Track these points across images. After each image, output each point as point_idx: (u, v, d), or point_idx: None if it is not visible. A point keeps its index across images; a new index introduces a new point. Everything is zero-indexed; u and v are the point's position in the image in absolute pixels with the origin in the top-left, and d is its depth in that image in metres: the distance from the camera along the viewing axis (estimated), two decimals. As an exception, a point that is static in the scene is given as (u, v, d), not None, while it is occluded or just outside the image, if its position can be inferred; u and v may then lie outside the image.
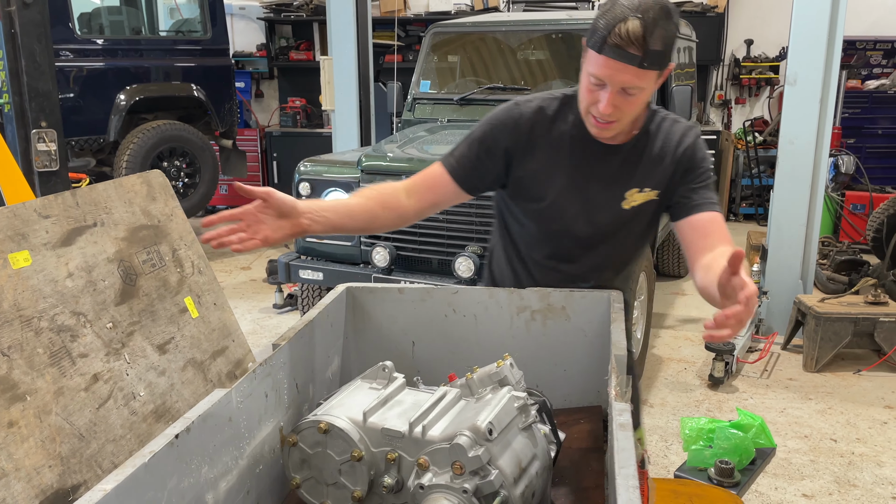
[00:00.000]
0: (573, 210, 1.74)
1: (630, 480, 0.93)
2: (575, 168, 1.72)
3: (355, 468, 1.30)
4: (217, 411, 1.20)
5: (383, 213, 1.68)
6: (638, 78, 1.50)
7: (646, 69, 1.49)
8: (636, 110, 1.59)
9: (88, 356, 1.41)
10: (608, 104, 1.54)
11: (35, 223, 1.41)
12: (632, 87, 1.52)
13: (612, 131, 1.63)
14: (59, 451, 1.27)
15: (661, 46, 1.48)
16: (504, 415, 1.28)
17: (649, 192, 1.71)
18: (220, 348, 1.82)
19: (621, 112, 1.57)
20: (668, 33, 1.49)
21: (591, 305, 1.75)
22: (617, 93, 1.53)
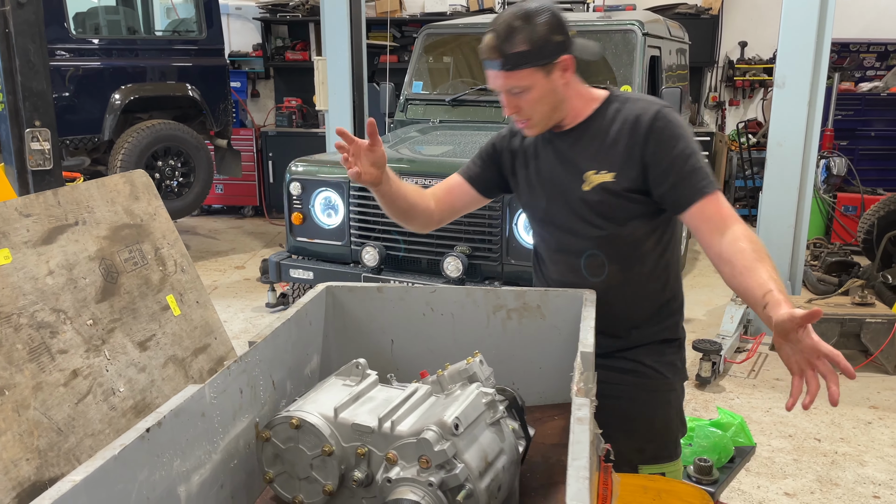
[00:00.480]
0: (545, 198, 1.84)
1: (581, 472, 0.96)
2: (539, 161, 1.84)
3: (326, 463, 1.33)
4: (189, 406, 1.23)
5: (419, 209, 1.93)
6: (510, 79, 1.63)
7: (512, 70, 1.61)
8: (539, 105, 1.68)
9: (68, 352, 1.44)
10: (506, 107, 1.70)
11: (16, 221, 1.44)
12: (513, 88, 1.65)
13: (533, 129, 1.75)
14: (37, 444, 1.30)
15: (524, 46, 1.60)
16: (471, 410, 1.31)
17: (605, 174, 1.73)
18: (202, 346, 1.85)
19: (525, 111, 1.69)
20: (530, 34, 1.60)
21: (566, 304, 1.78)
22: (508, 96, 1.68)
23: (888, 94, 7.55)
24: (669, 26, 5.47)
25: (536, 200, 1.87)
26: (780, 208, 4.66)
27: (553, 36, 1.63)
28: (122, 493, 1.04)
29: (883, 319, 4.20)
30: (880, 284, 5.17)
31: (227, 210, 8.81)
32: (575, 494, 0.90)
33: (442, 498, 1.20)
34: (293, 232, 4.14)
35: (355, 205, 3.89)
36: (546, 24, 1.62)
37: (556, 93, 1.68)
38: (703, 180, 1.65)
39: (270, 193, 8.46)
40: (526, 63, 1.61)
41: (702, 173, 1.66)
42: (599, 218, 1.76)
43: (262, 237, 7.75)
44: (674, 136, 1.67)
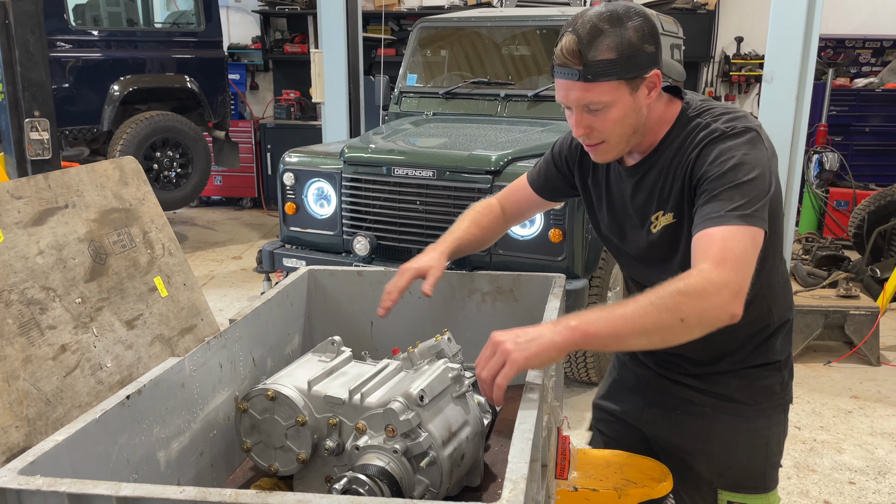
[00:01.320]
0: (617, 237, 1.68)
1: (526, 434, 1.03)
2: (611, 193, 1.65)
3: (300, 432, 1.41)
4: (169, 377, 1.30)
5: (487, 235, 1.90)
6: (591, 93, 1.39)
7: (594, 82, 1.38)
8: (618, 127, 1.44)
9: (57, 328, 1.52)
10: (577, 126, 1.46)
11: (7, 203, 1.52)
12: (592, 104, 1.41)
13: (605, 154, 1.52)
14: (26, 413, 1.37)
15: (611, 55, 1.36)
16: (437, 383, 1.38)
17: (669, 217, 1.50)
18: (189, 326, 1.92)
19: (600, 132, 1.45)
20: (619, 39, 1.36)
21: (537, 288, 1.86)
22: (581, 113, 1.43)
23: (883, 90, 7.60)
24: (662, 21, 5.52)
25: (610, 236, 1.70)
26: (767, 202, 4.72)
27: (645, 45, 1.39)
28: (102, 455, 1.11)
29: (866, 311, 4.27)
30: (868, 278, 5.23)
31: (226, 201, 8.88)
32: (517, 454, 0.97)
33: (406, 464, 1.27)
34: (286, 222, 4.21)
35: (347, 195, 3.96)
36: (638, 31, 1.38)
37: (638, 114, 1.45)
38: (726, 208, 1.32)
39: (268, 185, 8.53)
40: (612, 74, 1.37)
41: (732, 202, 1.33)
42: (673, 256, 1.54)
43: (259, 228, 7.83)
44: (720, 161, 1.38)
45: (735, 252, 1.28)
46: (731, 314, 1.26)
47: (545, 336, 1.25)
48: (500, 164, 3.63)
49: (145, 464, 1.23)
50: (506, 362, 1.26)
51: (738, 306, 1.26)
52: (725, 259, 1.27)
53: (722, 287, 1.24)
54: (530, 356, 1.24)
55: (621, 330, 1.24)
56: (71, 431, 1.04)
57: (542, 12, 5.44)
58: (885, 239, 5.73)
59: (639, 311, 1.24)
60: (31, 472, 0.94)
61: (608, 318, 1.25)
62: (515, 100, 4.64)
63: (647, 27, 1.40)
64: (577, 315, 1.27)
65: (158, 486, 0.88)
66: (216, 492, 0.86)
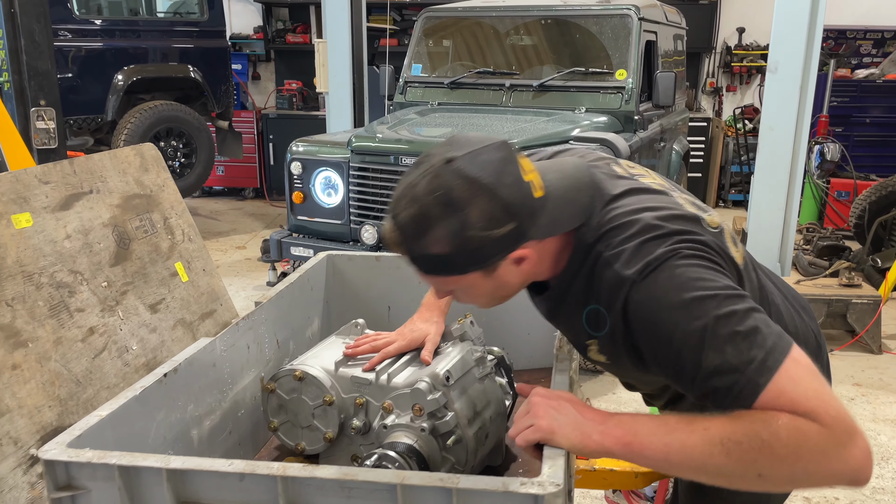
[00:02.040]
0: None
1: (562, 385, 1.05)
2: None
3: (327, 412, 1.44)
4: (202, 357, 1.33)
5: None
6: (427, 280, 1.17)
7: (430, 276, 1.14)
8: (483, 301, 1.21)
9: (85, 311, 1.54)
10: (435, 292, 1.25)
11: (36, 188, 1.54)
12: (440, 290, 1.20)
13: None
14: (58, 393, 1.40)
15: (443, 249, 1.06)
16: (461, 365, 1.41)
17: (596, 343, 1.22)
18: (209, 311, 1.95)
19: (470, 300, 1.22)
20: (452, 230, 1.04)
21: None
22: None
23: (884, 81, 7.62)
24: (666, 11, 5.53)
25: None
26: (770, 191, 4.75)
27: (493, 231, 1.05)
28: (142, 431, 1.14)
29: (868, 300, 4.30)
30: (870, 268, 5.27)
31: (228, 192, 8.89)
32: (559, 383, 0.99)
33: (433, 442, 1.30)
34: (294, 211, 4.23)
35: (355, 184, 3.98)
36: (483, 215, 1.04)
37: (507, 286, 1.17)
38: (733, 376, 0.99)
39: (271, 175, 8.53)
40: (447, 271, 1.10)
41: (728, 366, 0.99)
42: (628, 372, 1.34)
43: (262, 218, 7.84)
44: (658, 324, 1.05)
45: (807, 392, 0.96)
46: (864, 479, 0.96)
47: (588, 431, 1.05)
48: (507, 154, 3.65)
49: (180, 440, 1.26)
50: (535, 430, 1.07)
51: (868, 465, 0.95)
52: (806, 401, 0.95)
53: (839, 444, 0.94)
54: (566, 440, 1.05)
55: (674, 459, 1.00)
56: (114, 407, 1.07)
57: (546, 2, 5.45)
58: (886, 229, 5.76)
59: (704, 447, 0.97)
60: (79, 446, 0.96)
61: (664, 441, 1.00)
62: (520, 90, 4.66)
63: (499, 206, 1.04)
64: (630, 421, 1.05)
65: (207, 459, 0.91)
66: (264, 465, 0.88)
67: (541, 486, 0.85)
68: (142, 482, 0.89)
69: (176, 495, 0.89)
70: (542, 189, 1.10)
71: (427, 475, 0.87)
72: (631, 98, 4.45)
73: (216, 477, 0.87)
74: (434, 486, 0.85)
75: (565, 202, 1.14)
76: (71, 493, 0.91)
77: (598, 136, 3.99)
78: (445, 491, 0.84)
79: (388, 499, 0.85)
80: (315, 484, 0.86)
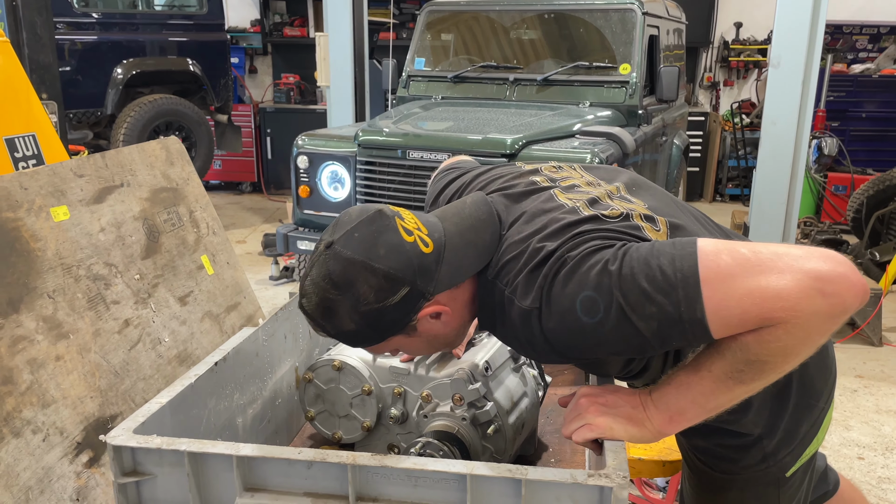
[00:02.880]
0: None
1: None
2: None
3: (365, 401, 1.46)
4: (247, 347, 1.35)
5: None
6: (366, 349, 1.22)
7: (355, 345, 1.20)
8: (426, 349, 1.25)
9: (120, 303, 1.55)
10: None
11: (71, 181, 1.55)
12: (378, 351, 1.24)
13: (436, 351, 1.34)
14: (99, 384, 1.41)
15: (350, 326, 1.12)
16: (498, 356, 1.43)
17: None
18: (234, 304, 1.96)
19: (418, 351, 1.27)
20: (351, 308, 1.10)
21: None
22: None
23: (880, 76, 7.69)
24: (667, 6, 5.56)
25: None
26: (772, 185, 4.79)
27: (388, 300, 1.10)
28: (195, 418, 1.15)
29: (870, 293, 4.35)
30: (868, 261, 5.32)
31: (225, 186, 8.87)
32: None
33: (473, 431, 1.32)
34: (300, 205, 4.23)
35: (362, 178, 3.99)
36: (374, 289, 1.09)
37: (439, 338, 1.22)
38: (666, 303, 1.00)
39: (268, 169, 8.52)
40: (365, 341, 1.17)
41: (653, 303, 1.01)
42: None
43: (261, 213, 7.83)
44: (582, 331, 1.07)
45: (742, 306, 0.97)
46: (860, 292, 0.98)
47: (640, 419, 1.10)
48: (515, 148, 3.67)
49: (227, 428, 1.27)
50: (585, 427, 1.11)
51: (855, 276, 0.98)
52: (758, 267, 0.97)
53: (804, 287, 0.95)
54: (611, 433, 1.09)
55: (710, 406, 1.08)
56: (172, 394, 1.08)
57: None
58: (884, 223, 5.82)
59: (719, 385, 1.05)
60: (143, 432, 0.98)
61: (690, 400, 1.08)
62: (524, 84, 4.67)
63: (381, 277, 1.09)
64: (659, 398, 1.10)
65: (276, 447, 0.92)
66: (333, 453, 0.90)
67: (608, 479, 0.87)
68: (209, 469, 0.91)
69: (243, 481, 0.90)
70: (431, 244, 1.14)
71: (496, 466, 0.88)
72: (635, 92, 4.47)
73: (284, 464, 0.89)
74: (503, 477, 0.87)
75: (465, 247, 1.17)
76: (137, 479, 0.92)
77: (603, 131, 4.01)
78: (515, 482, 0.86)
79: (457, 489, 0.87)
80: (383, 473, 0.88)
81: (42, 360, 1.32)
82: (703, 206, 8.26)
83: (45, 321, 1.35)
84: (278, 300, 5.00)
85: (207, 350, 1.79)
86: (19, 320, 1.32)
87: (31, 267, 1.39)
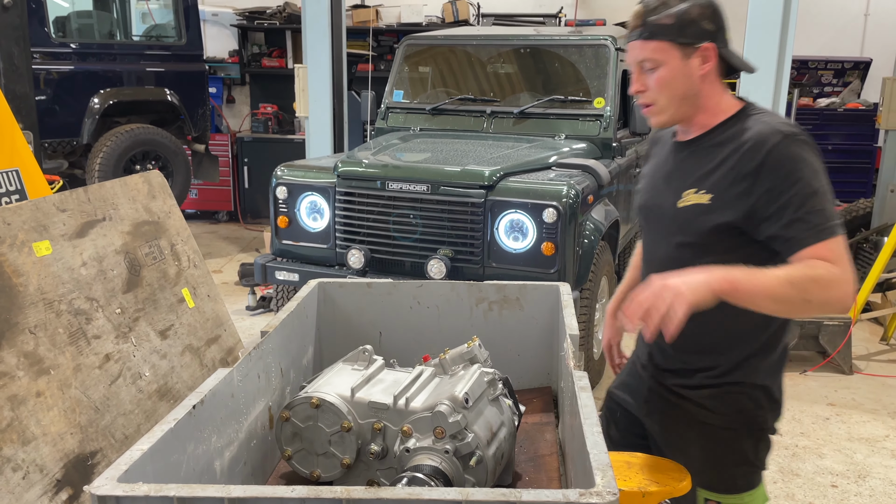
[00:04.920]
0: (647, 206, 1.80)
1: (595, 428, 1.11)
2: (657, 167, 1.81)
3: (344, 438, 1.47)
4: (223, 388, 1.35)
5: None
6: (646, 50, 1.58)
7: (650, 40, 1.56)
8: (667, 89, 1.59)
9: (101, 338, 1.56)
10: (634, 82, 1.64)
11: (54, 216, 1.55)
12: (645, 61, 1.59)
13: (656, 115, 1.65)
14: (79, 420, 1.41)
15: (669, 21, 1.55)
16: (476, 387, 1.45)
17: (703, 195, 1.59)
18: (214, 336, 1.97)
19: (653, 93, 1.61)
20: (680, 11, 1.54)
21: (543, 296, 1.95)
22: (639, 72, 1.62)
23: (845, 110, 7.92)
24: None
25: (643, 208, 1.82)
26: (743, 216, 4.89)
27: (703, 21, 1.56)
28: (175, 464, 1.16)
29: (839, 322, 4.44)
30: (837, 290, 5.44)
31: (202, 215, 8.84)
32: (594, 445, 1.05)
33: (456, 463, 1.34)
34: (279, 235, 4.24)
35: (341, 209, 4.02)
36: (701, 8, 1.56)
37: (688, 80, 1.59)
38: (824, 222, 1.46)
39: (245, 198, 8.51)
40: (664, 35, 1.56)
41: (823, 215, 1.46)
42: (683, 236, 1.64)
43: (237, 242, 7.81)
44: (793, 171, 1.48)
45: (844, 256, 1.46)
46: (849, 306, 1.47)
47: (704, 280, 1.40)
48: (493, 179, 3.72)
49: (206, 473, 1.27)
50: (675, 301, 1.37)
51: (854, 299, 1.47)
52: (840, 260, 1.44)
53: (844, 282, 1.43)
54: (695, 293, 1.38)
55: (759, 293, 1.43)
56: (153, 440, 1.09)
57: (524, 31, 5.58)
58: (852, 253, 5.96)
59: (775, 282, 1.42)
60: (126, 481, 0.98)
61: (751, 281, 1.43)
62: (501, 116, 4.75)
63: (711, 9, 1.57)
64: (727, 270, 1.43)
65: (268, 487, 0.93)
66: (327, 489, 0.91)
67: (599, 496, 0.89)
68: (198, 512, 0.91)
69: (233, 522, 0.91)
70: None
71: (490, 491, 0.91)
72: (609, 125, 4.57)
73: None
74: (498, 501, 0.89)
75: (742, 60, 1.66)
76: (123, 527, 0.92)
77: (579, 163, 4.09)
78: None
79: (453, 516, 0.88)
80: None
81: (23, 397, 1.32)
82: (676, 235, 8.39)
83: (26, 357, 1.35)
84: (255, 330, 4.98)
85: (188, 384, 1.80)
86: (0, 356, 1.32)
87: (13, 302, 1.39)
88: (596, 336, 4.14)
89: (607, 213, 4.14)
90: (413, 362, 1.71)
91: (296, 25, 8.11)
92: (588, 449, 1.04)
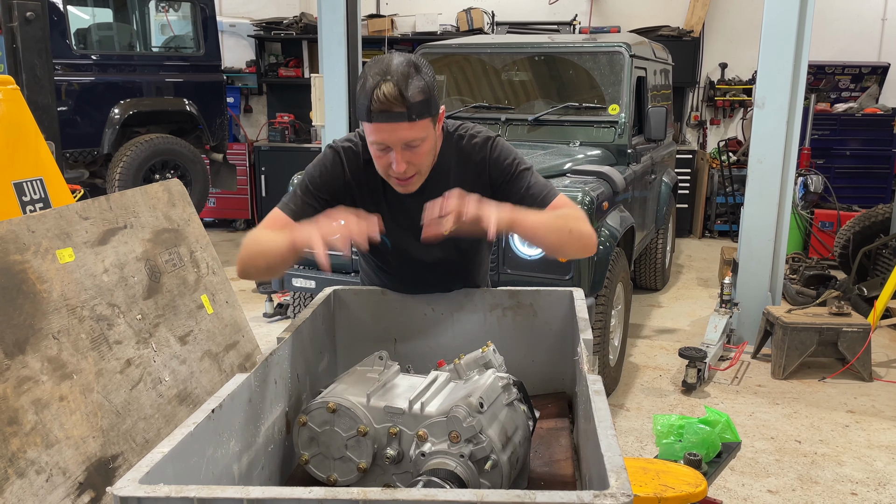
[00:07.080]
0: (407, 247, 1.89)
1: (609, 430, 1.12)
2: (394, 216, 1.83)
3: (360, 442, 1.48)
4: (241, 392, 1.37)
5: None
6: (413, 131, 1.62)
7: (416, 121, 1.61)
8: (428, 157, 1.72)
9: (122, 343, 1.58)
10: (400, 163, 1.67)
11: (77, 223, 1.59)
12: (413, 141, 1.64)
13: (416, 184, 1.75)
14: (101, 424, 1.44)
15: (422, 96, 1.60)
16: (491, 392, 1.46)
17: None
18: (232, 342, 2.00)
19: (416, 165, 1.70)
20: (423, 84, 1.60)
21: (556, 301, 1.95)
22: (402, 150, 1.66)
23: (862, 115, 7.85)
24: (654, 48, 5.70)
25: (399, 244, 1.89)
26: (760, 222, 4.88)
27: (434, 88, 1.66)
28: (195, 467, 1.18)
29: (858, 328, 4.40)
30: (856, 297, 5.39)
31: (219, 223, 8.92)
32: (608, 448, 1.06)
33: (472, 467, 1.35)
34: (295, 243, 4.27)
35: (356, 217, 4.04)
36: (429, 75, 1.65)
37: (437, 144, 1.76)
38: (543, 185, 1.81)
39: (263, 207, 8.57)
40: (426, 113, 1.62)
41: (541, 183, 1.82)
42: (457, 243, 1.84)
43: (255, 250, 7.86)
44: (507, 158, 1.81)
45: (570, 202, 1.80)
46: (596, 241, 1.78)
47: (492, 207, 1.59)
48: (507, 187, 3.73)
49: (224, 476, 1.29)
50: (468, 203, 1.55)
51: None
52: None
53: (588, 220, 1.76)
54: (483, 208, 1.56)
55: (538, 228, 1.67)
56: (173, 443, 1.11)
57: (538, 39, 5.60)
58: (870, 259, 5.91)
59: (550, 219, 1.69)
60: (148, 482, 1.00)
61: (531, 218, 1.66)
62: (516, 123, 4.77)
63: (431, 72, 1.68)
64: (514, 209, 1.65)
65: (286, 488, 0.95)
66: (344, 491, 0.92)
67: (613, 498, 0.90)
68: (218, 514, 0.93)
69: (253, 524, 0.92)
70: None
71: (505, 492, 0.92)
72: (624, 132, 4.57)
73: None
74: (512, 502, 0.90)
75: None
76: (144, 529, 0.94)
77: (594, 170, 4.09)
78: (525, 507, 0.89)
79: (469, 518, 0.89)
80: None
81: (46, 401, 1.35)
82: (692, 242, 8.36)
83: (49, 362, 1.39)
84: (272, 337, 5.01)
85: (207, 389, 1.82)
86: (25, 361, 1.35)
87: (37, 308, 1.42)
88: (611, 343, 4.13)
89: (622, 219, 4.14)
90: (428, 368, 1.72)
91: (312, 35, 8.18)
92: (602, 451, 1.04)
